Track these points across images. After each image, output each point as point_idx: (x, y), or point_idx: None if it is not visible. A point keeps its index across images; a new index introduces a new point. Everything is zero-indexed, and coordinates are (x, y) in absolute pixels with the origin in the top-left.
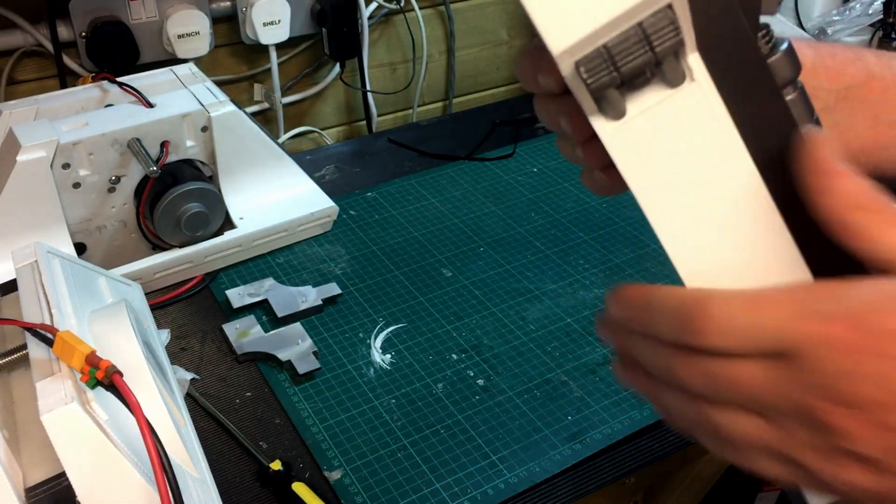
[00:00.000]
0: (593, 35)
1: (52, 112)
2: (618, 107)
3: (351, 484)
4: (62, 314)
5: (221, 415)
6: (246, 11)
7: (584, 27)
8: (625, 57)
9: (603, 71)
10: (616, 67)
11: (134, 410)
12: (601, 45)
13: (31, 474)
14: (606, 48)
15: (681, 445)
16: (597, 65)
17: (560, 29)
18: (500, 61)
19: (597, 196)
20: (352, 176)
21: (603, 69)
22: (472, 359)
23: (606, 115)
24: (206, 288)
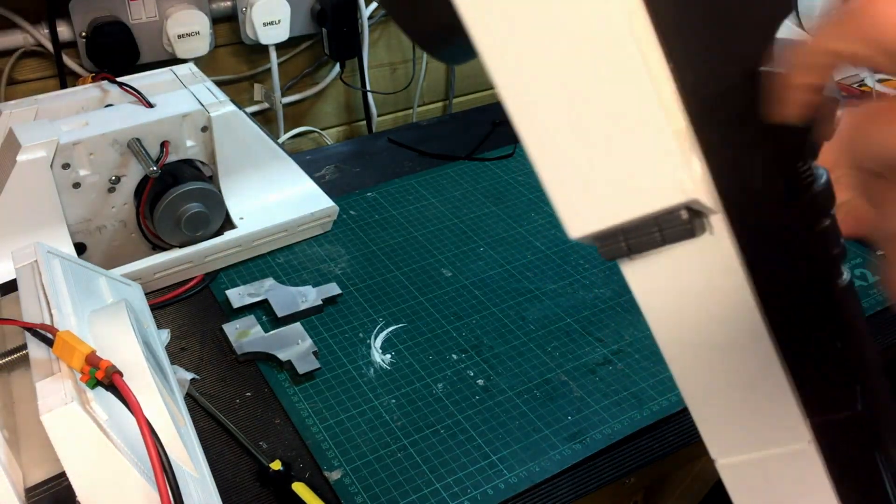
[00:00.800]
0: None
1: (52, 112)
2: None
3: (351, 484)
4: (62, 314)
5: (221, 415)
6: (246, 11)
7: (601, 224)
8: (636, 237)
9: (615, 247)
10: (627, 243)
11: (134, 410)
12: (619, 227)
13: (31, 474)
14: (623, 230)
15: (681, 445)
16: (611, 241)
17: (579, 222)
18: None
19: None
20: (352, 176)
21: (615, 246)
22: (472, 359)
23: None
24: (206, 288)
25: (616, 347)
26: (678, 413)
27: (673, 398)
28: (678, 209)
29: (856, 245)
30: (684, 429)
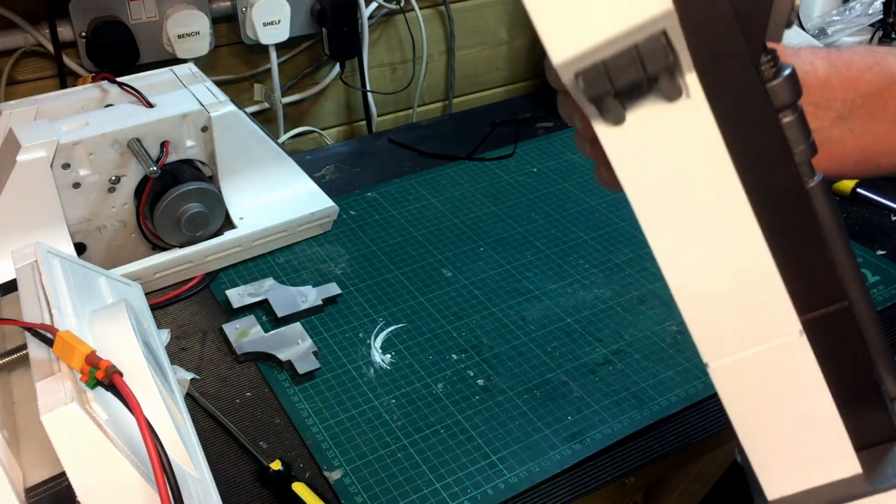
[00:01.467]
0: (592, 51)
1: (52, 112)
2: (617, 114)
3: (351, 484)
4: (62, 314)
5: (221, 415)
6: (246, 11)
7: (583, 44)
8: (620, 73)
9: (599, 83)
10: (611, 81)
11: (134, 410)
12: (599, 60)
13: (31, 474)
14: (604, 64)
15: (681, 445)
16: (594, 77)
17: (562, 43)
18: (500, 61)
19: (597, 196)
20: (352, 176)
21: (599, 82)
22: (472, 359)
23: (606, 120)
24: (206, 288)
25: (616, 347)
26: (678, 413)
27: (673, 398)
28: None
29: (856, 245)
30: (684, 429)
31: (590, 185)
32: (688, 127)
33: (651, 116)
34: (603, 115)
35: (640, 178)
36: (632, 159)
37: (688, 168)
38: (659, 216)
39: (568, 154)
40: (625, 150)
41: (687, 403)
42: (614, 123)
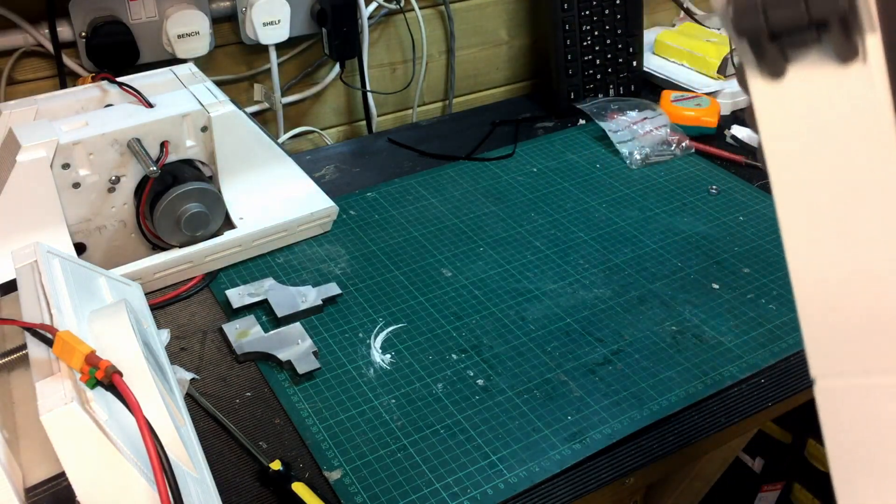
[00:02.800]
0: None
1: (52, 112)
2: (775, 64)
3: (351, 484)
4: (62, 314)
5: (221, 415)
6: (246, 11)
7: None
8: (776, 6)
9: (750, 14)
10: (765, 14)
11: (134, 410)
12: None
13: (31, 474)
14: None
15: (681, 445)
16: (747, 6)
17: None
18: (500, 61)
19: (597, 196)
20: (352, 176)
21: (751, 13)
22: (471, 359)
23: (762, 70)
24: (206, 288)
25: (616, 347)
26: (678, 413)
27: (673, 398)
28: None
29: None
30: (684, 429)
31: (590, 185)
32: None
33: (816, 76)
34: (759, 62)
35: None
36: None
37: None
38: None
39: (568, 154)
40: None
41: (687, 403)
42: (771, 76)
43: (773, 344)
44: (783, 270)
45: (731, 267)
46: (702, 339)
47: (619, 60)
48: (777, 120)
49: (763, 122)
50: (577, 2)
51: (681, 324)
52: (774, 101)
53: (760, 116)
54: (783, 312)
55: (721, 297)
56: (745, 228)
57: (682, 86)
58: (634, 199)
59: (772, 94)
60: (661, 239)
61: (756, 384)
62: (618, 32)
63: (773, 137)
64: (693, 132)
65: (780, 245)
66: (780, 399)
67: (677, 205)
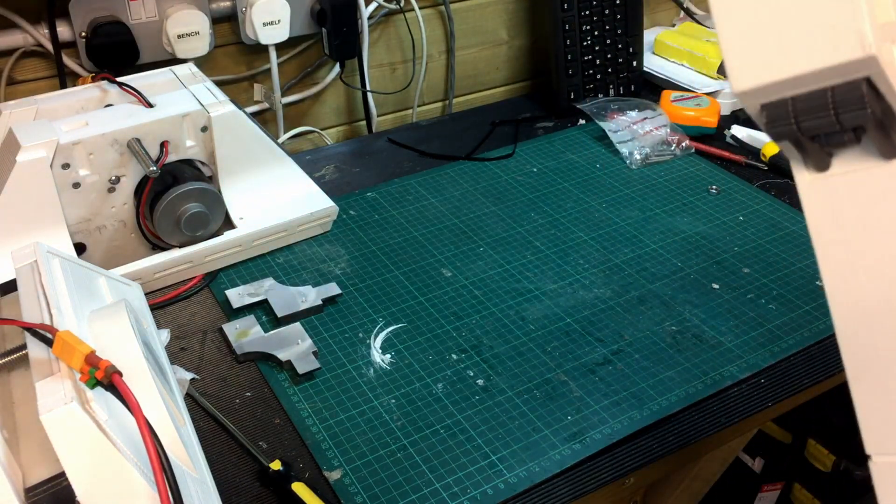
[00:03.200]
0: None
1: (52, 112)
2: (819, 159)
3: (351, 484)
4: (62, 314)
5: (221, 415)
6: (246, 11)
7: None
8: (808, 115)
9: (783, 122)
10: (797, 122)
11: (134, 410)
12: (789, 97)
13: (31, 474)
14: (793, 101)
15: (680, 445)
16: (779, 114)
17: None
18: (499, 61)
19: (597, 196)
20: (352, 176)
21: (784, 120)
22: (471, 359)
23: (807, 164)
24: (206, 288)
25: (616, 347)
26: (678, 413)
27: (673, 398)
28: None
29: None
30: (684, 429)
31: (590, 185)
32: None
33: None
34: (803, 157)
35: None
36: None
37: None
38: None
39: (568, 154)
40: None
41: (687, 403)
42: (816, 170)
43: (773, 344)
44: (783, 270)
45: (731, 267)
46: (702, 339)
47: (619, 60)
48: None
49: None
50: (577, 2)
51: (681, 324)
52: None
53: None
54: (783, 312)
55: (721, 297)
56: (745, 228)
57: (682, 86)
58: (634, 199)
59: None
60: (661, 239)
61: (756, 384)
62: (618, 32)
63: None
64: (693, 132)
65: (780, 245)
66: (780, 399)
67: (677, 205)
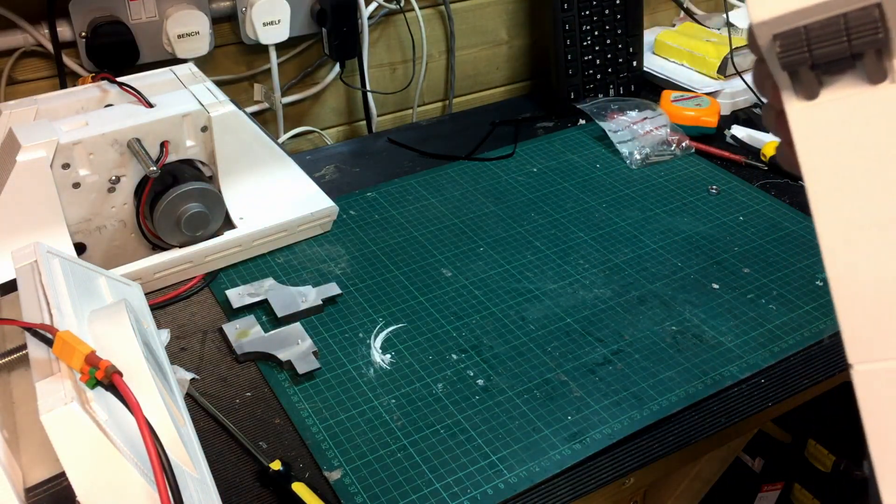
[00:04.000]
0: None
1: (52, 112)
2: (810, 88)
3: (351, 484)
4: (62, 314)
5: (221, 415)
6: (246, 11)
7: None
8: (821, 42)
9: (796, 50)
10: (810, 50)
11: (134, 410)
12: (802, 25)
13: (31, 474)
14: (806, 30)
15: (680, 445)
16: (793, 42)
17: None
18: (500, 61)
19: (597, 196)
20: (352, 176)
21: (797, 48)
22: (472, 359)
23: (798, 93)
24: (206, 288)
25: (616, 347)
26: (678, 413)
27: (673, 398)
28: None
29: None
30: (684, 429)
31: (590, 185)
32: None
33: (847, 96)
34: (796, 87)
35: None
36: (817, 140)
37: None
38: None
39: (568, 154)
40: (811, 129)
41: (687, 403)
42: (806, 98)
43: (773, 344)
44: (783, 270)
45: (731, 267)
46: (702, 339)
47: (619, 60)
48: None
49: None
50: (577, 2)
51: (681, 324)
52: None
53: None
54: (783, 312)
55: (721, 297)
56: (745, 228)
57: (682, 86)
58: (634, 199)
59: (807, 114)
60: (661, 239)
61: (756, 384)
62: (618, 32)
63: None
64: (693, 132)
65: (780, 245)
66: (780, 399)
67: (677, 205)
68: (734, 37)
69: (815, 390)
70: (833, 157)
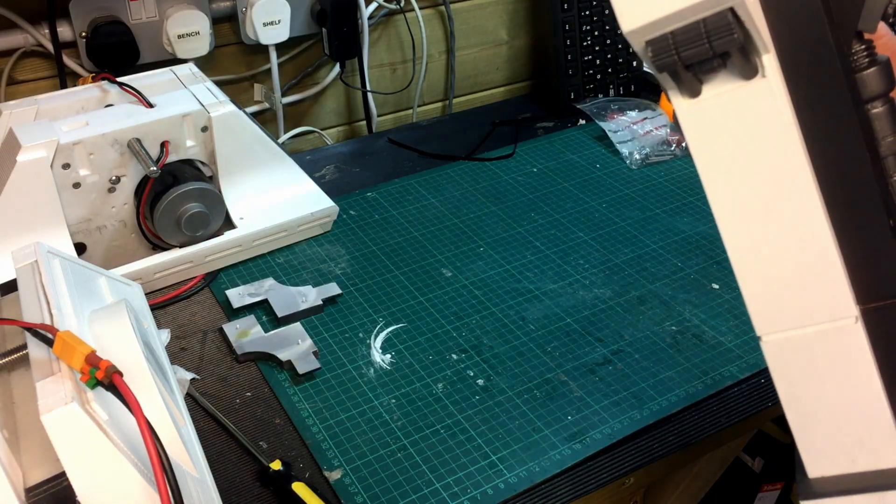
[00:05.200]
0: (661, 21)
1: (52, 112)
2: (692, 87)
3: (351, 484)
4: (62, 314)
5: (221, 415)
6: (246, 11)
7: (653, 14)
8: (686, 46)
9: (665, 53)
10: (678, 52)
11: (134, 410)
12: (669, 31)
13: (31, 474)
14: (672, 35)
15: (681, 445)
16: (662, 47)
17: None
18: (500, 61)
19: (597, 196)
20: (352, 176)
21: (666, 52)
22: (472, 359)
23: (682, 92)
24: (206, 288)
25: (616, 347)
26: (678, 413)
27: (673, 398)
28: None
29: None
30: (684, 429)
31: (590, 185)
32: (761, 106)
33: (725, 92)
34: (679, 86)
35: (710, 151)
36: (703, 133)
37: (757, 147)
38: (725, 190)
39: (568, 154)
40: (697, 124)
41: (687, 403)
42: (690, 96)
43: None
44: None
45: (731, 267)
46: (702, 339)
47: (619, 60)
48: (698, 131)
49: (688, 135)
50: (577, 2)
51: (681, 324)
52: (694, 115)
53: (685, 130)
54: None
55: (721, 297)
56: None
57: None
58: (634, 199)
59: (692, 111)
60: (661, 239)
61: (756, 384)
62: (618, 32)
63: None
64: None
65: None
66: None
67: (677, 205)
68: None
69: None
70: (719, 149)
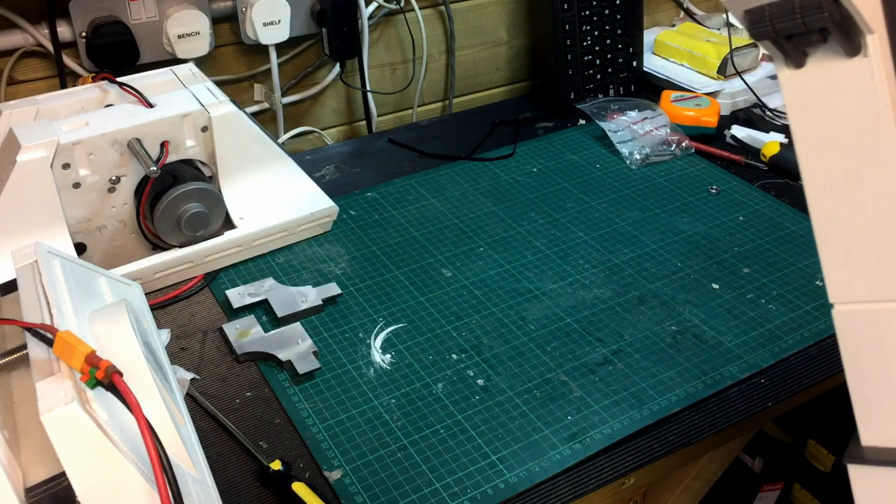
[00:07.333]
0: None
1: (52, 112)
2: (796, 58)
3: (351, 484)
4: (62, 314)
5: (221, 415)
6: (246, 11)
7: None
8: (780, 19)
9: (761, 24)
10: (772, 24)
11: (134, 410)
12: (766, 3)
13: (31, 474)
14: (769, 6)
15: (681, 445)
16: (757, 18)
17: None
18: (500, 61)
19: (597, 196)
20: (352, 176)
21: (761, 23)
22: (472, 359)
23: (787, 62)
24: (206, 288)
25: (616, 347)
26: (678, 413)
27: (673, 398)
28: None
29: None
30: (684, 429)
31: (590, 185)
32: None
33: (825, 67)
34: (784, 57)
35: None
36: (802, 103)
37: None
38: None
39: (568, 154)
40: (797, 94)
41: (687, 403)
42: (794, 67)
43: (773, 344)
44: (783, 270)
45: (731, 267)
46: (702, 339)
47: (619, 60)
48: (798, 100)
49: (789, 104)
50: (577, 2)
51: (681, 324)
52: (794, 86)
53: (787, 99)
54: (783, 312)
55: (721, 297)
56: (745, 228)
57: (682, 86)
58: (634, 199)
59: (794, 81)
60: (661, 239)
61: (756, 384)
62: (618, 32)
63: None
64: (693, 132)
65: (780, 245)
66: (780, 399)
67: (677, 205)
68: (734, 37)
69: (814, 390)
70: (815, 121)
